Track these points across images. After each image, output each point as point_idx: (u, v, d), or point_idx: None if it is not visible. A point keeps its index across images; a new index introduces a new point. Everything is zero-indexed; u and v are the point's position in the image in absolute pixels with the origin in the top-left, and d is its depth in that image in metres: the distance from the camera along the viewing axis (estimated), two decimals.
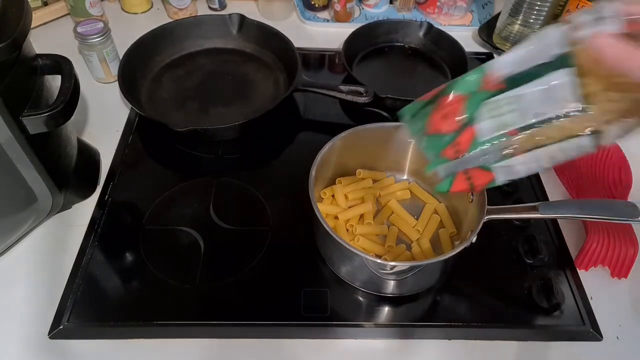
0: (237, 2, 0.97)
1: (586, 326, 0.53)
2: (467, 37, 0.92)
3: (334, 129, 0.58)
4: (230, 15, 0.83)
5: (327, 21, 0.94)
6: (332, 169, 0.60)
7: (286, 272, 0.56)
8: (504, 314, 0.54)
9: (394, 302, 0.54)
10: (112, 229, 0.59)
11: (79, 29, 0.72)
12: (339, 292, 0.54)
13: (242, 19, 0.82)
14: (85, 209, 0.61)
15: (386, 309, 0.54)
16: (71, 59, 0.55)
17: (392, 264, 0.49)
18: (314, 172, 0.53)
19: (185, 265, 0.56)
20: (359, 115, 0.75)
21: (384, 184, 0.63)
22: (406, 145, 0.61)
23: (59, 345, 0.50)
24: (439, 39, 0.86)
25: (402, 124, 0.43)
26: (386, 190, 0.62)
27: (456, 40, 0.83)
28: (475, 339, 0.52)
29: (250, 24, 0.83)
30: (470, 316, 0.53)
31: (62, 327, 0.50)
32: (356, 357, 0.51)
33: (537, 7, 0.80)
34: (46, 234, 0.59)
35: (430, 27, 0.86)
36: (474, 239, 0.49)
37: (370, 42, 0.87)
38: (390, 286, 0.53)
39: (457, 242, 0.57)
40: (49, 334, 0.50)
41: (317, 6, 0.94)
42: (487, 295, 0.55)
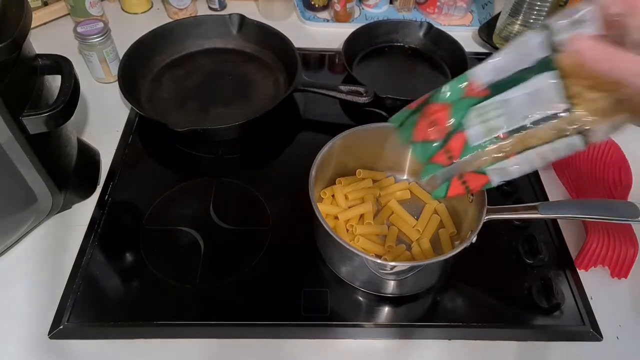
0: (237, 2, 0.97)
1: (586, 326, 0.53)
2: (467, 37, 0.92)
3: (334, 129, 0.58)
4: (230, 15, 0.83)
5: (327, 21, 0.94)
6: (332, 169, 0.60)
7: (286, 272, 0.56)
8: (504, 314, 0.54)
9: (394, 302, 0.54)
10: (112, 229, 0.59)
11: (79, 29, 0.72)
12: (339, 292, 0.54)
13: (242, 19, 0.82)
14: (85, 209, 0.61)
15: (386, 309, 0.54)
16: (71, 59, 0.55)
17: (392, 264, 0.49)
18: (314, 172, 0.53)
19: (185, 265, 0.56)
20: (359, 115, 0.75)
21: (384, 184, 0.63)
22: (406, 145, 0.60)
23: (59, 345, 0.50)
24: (439, 39, 0.86)
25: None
26: (386, 190, 0.62)
27: (456, 40, 0.83)
28: (475, 339, 0.52)
29: (250, 24, 0.83)
30: (470, 316, 0.53)
31: (62, 327, 0.50)
32: (356, 357, 0.51)
33: (537, 7, 0.80)
34: (46, 234, 0.59)
35: (430, 27, 0.86)
36: (474, 239, 0.49)
37: (370, 42, 0.87)
38: (390, 286, 0.53)
39: (457, 242, 0.57)
40: (49, 334, 0.50)
41: (317, 6, 0.94)
42: (487, 295, 0.55)
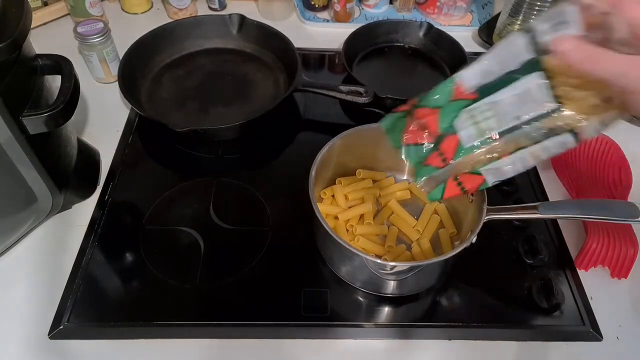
0: (237, 2, 0.97)
1: (586, 326, 0.53)
2: (467, 37, 0.92)
3: (334, 129, 0.58)
4: (230, 15, 0.83)
5: (327, 21, 0.94)
6: (332, 169, 0.60)
7: (286, 272, 0.56)
8: (504, 314, 0.54)
9: (394, 302, 0.54)
10: (112, 229, 0.59)
11: (79, 29, 0.72)
12: (339, 292, 0.54)
13: (242, 19, 0.82)
14: (85, 209, 0.61)
15: (386, 309, 0.54)
16: (71, 59, 0.55)
17: (392, 264, 0.49)
18: (314, 172, 0.53)
19: (185, 265, 0.56)
20: (359, 115, 0.75)
21: (384, 184, 0.63)
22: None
23: (59, 345, 0.50)
24: (439, 39, 0.86)
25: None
26: (386, 190, 0.62)
27: (456, 40, 0.83)
28: (475, 339, 0.52)
29: (250, 24, 0.83)
30: (470, 316, 0.53)
31: (62, 327, 0.50)
32: (356, 357, 0.51)
33: (537, 7, 0.80)
34: (46, 234, 0.59)
35: (430, 27, 0.86)
36: (474, 239, 0.49)
37: (370, 42, 0.87)
38: (390, 286, 0.53)
39: (457, 242, 0.57)
40: (49, 334, 0.50)
41: (317, 6, 0.94)
42: (487, 295, 0.55)
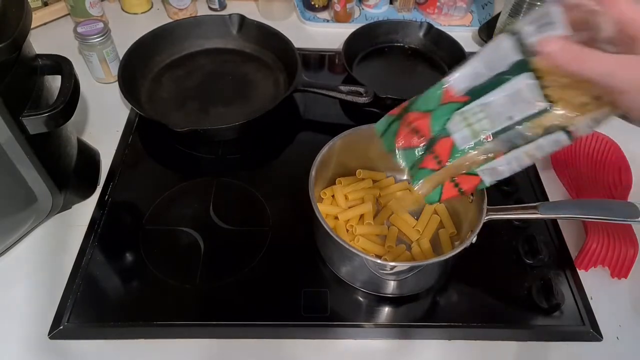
0: (237, 2, 0.97)
1: (586, 326, 0.53)
2: (467, 38, 0.92)
3: (334, 129, 0.58)
4: (230, 15, 0.83)
5: (327, 21, 0.94)
6: (332, 169, 0.60)
7: (286, 272, 0.56)
8: (504, 314, 0.54)
9: (394, 302, 0.54)
10: (112, 229, 0.59)
11: (79, 29, 0.72)
12: (339, 292, 0.54)
13: (242, 19, 0.82)
14: (85, 209, 0.61)
15: (386, 309, 0.54)
16: (71, 59, 0.55)
17: (392, 264, 0.49)
18: (314, 172, 0.53)
19: (185, 265, 0.56)
20: (359, 115, 0.75)
21: (384, 184, 0.63)
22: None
23: (59, 345, 0.50)
24: (439, 39, 0.86)
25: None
26: (386, 190, 0.62)
27: (456, 40, 0.83)
28: (475, 339, 0.52)
29: (250, 24, 0.83)
30: (470, 316, 0.53)
31: (62, 327, 0.50)
32: (356, 357, 0.51)
33: (537, 7, 0.80)
34: (46, 234, 0.59)
35: (430, 27, 0.86)
36: (474, 239, 0.49)
37: (370, 43, 0.87)
38: (390, 286, 0.53)
39: (457, 242, 0.57)
40: (49, 334, 0.50)
41: (317, 6, 0.94)
42: (487, 295, 0.55)
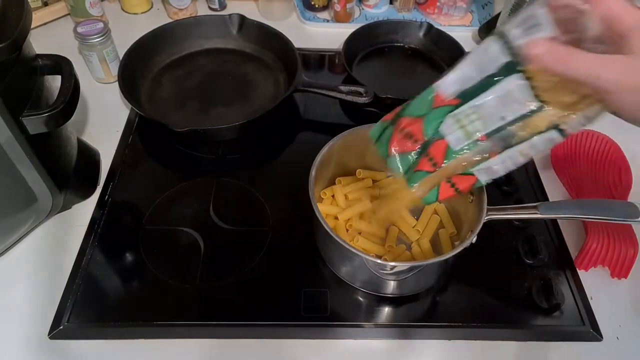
0: (237, 2, 0.97)
1: (586, 326, 0.53)
2: (467, 38, 0.92)
3: (334, 129, 0.58)
4: (230, 15, 0.83)
5: (327, 21, 0.94)
6: (332, 169, 0.60)
7: (286, 272, 0.56)
8: (504, 314, 0.54)
9: (394, 302, 0.54)
10: (112, 229, 0.59)
11: (79, 29, 0.72)
12: (339, 292, 0.54)
13: (242, 19, 0.82)
14: (85, 209, 0.61)
15: (386, 309, 0.54)
16: (71, 59, 0.55)
17: (392, 264, 0.49)
18: (314, 172, 0.53)
19: (185, 265, 0.56)
20: (359, 115, 0.75)
21: (384, 184, 0.63)
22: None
23: (59, 345, 0.50)
24: (439, 39, 0.86)
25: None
26: (386, 190, 0.62)
27: (456, 40, 0.83)
28: (475, 339, 0.52)
29: (250, 24, 0.83)
30: (470, 316, 0.53)
31: (62, 327, 0.50)
32: (356, 357, 0.51)
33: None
34: (46, 234, 0.59)
35: (430, 27, 0.86)
36: (474, 239, 0.49)
37: (370, 43, 0.87)
38: (390, 286, 0.53)
39: (457, 242, 0.57)
40: (49, 334, 0.50)
41: (317, 6, 0.94)
42: (487, 295, 0.55)
